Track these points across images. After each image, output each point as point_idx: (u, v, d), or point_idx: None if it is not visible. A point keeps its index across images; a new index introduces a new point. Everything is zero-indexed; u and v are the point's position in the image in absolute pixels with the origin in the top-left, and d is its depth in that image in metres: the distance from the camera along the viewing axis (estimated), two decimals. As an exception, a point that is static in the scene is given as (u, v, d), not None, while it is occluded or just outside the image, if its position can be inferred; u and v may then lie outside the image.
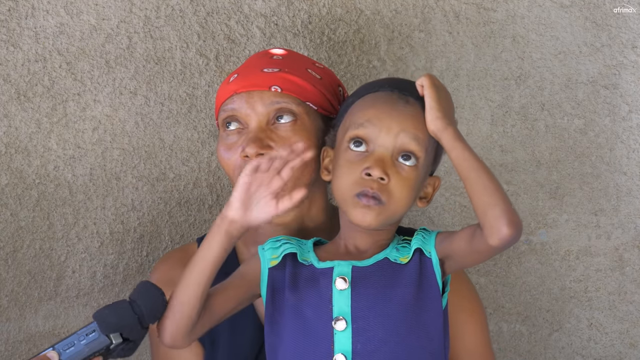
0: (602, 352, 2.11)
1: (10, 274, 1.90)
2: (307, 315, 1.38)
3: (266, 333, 1.44)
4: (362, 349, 1.35)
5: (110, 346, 1.41)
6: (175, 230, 1.97)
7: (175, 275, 1.66)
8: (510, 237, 1.31)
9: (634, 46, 2.06)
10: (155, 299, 1.44)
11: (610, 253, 2.09)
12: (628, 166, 2.07)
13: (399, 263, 1.41)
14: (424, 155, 1.38)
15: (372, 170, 1.36)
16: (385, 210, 1.37)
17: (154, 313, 1.44)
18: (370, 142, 1.38)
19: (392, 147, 1.37)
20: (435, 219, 2.05)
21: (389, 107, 1.40)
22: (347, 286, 1.38)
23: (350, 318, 1.36)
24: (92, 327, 1.42)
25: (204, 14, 1.94)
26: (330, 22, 1.99)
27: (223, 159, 1.59)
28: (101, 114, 1.91)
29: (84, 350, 1.41)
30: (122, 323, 1.41)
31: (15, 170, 1.89)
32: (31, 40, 1.88)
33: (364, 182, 1.36)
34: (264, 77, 1.57)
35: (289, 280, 1.40)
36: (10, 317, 1.90)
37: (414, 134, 1.38)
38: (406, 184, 1.37)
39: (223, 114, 1.59)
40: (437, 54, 2.03)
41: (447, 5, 2.02)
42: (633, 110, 2.07)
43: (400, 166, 1.37)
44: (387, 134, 1.38)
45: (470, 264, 1.44)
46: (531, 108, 2.05)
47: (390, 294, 1.38)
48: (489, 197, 1.32)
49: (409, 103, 1.40)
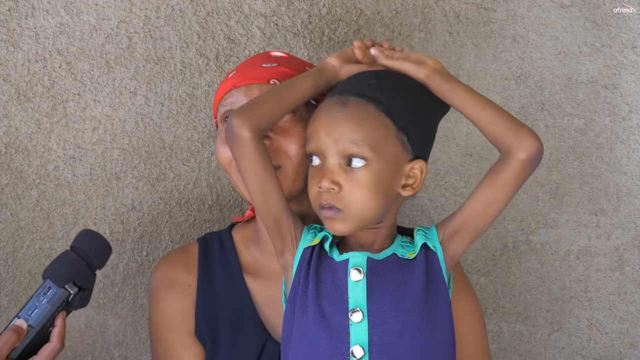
0: (602, 352, 2.11)
1: (10, 274, 1.90)
2: (324, 306, 1.40)
3: (285, 314, 1.46)
4: (379, 341, 1.37)
5: (69, 297, 1.46)
6: (175, 230, 1.97)
7: (175, 275, 1.67)
8: (539, 145, 1.37)
9: (634, 46, 2.06)
10: (96, 242, 1.50)
11: (610, 253, 2.09)
12: (628, 166, 2.07)
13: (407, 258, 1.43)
14: (371, 153, 1.38)
15: (322, 183, 1.39)
16: (348, 216, 1.39)
17: (99, 255, 1.51)
18: (320, 154, 1.41)
19: (336, 154, 1.39)
20: (435, 219, 2.05)
21: (326, 117, 1.41)
22: (362, 277, 1.40)
23: (367, 310, 1.38)
24: (46, 284, 1.47)
25: (204, 14, 1.94)
26: (330, 22, 1.99)
27: (220, 153, 1.59)
28: (101, 114, 1.92)
29: (47, 308, 1.45)
30: (73, 271, 1.47)
31: (15, 170, 1.89)
32: (31, 40, 1.88)
33: (320, 196, 1.40)
34: (263, 72, 1.58)
35: (313, 268, 1.43)
36: (10, 317, 1.90)
37: (350, 137, 1.38)
38: (359, 186, 1.38)
39: (222, 109, 1.60)
40: (437, 54, 2.03)
41: (447, 5, 2.02)
42: (633, 110, 2.07)
43: (352, 170, 1.39)
44: (328, 146, 1.40)
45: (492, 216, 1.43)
46: (531, 108, 2.05)
47: (402, 289, 1.40)
48: (504, 122, 1.39)
49: (345, 106, 1.40)
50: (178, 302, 1.65)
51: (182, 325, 1.64)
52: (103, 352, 1.96)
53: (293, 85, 1.46)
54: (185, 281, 1.66)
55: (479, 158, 2.06)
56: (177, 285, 1.66)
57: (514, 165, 1.38)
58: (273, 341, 1.58)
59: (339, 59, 1.50)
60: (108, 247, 1.54)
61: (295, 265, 1.45)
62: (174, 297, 1.65)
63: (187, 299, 1.65)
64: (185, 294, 1.65)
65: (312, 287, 1.42)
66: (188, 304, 1.65)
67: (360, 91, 1.42)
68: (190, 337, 1.63)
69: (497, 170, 1.40)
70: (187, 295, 1.65)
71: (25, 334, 1.44)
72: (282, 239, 1.46)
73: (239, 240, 1.71)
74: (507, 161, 1.39)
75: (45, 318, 1.45)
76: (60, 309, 1.46)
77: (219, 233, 1.73)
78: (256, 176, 1.41)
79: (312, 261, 1.43)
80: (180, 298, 1.65)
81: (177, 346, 1.63)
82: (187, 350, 1.62)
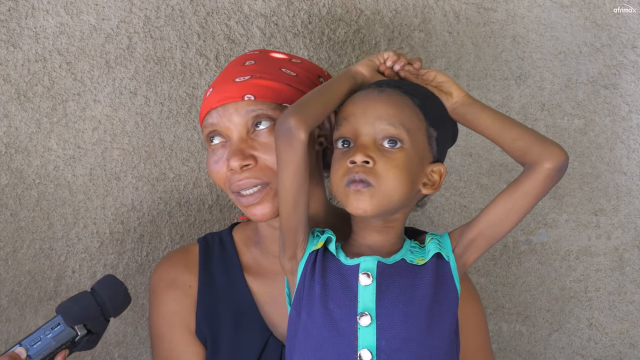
0: (602, 352, 2.11)
1: (10, 274, 1.90)
2: (332, 309, 1.40)
3: (290, 317, 1.46)
4: (387, 346, 1.37)
5: (76, 338, 1.44)
6: (175, 230, 1.97)
7: (176, 276, 1.67)
8: (565, 156, 1.39)
9: (634, 46, 2.06)
10: (116, 291, 1.47)
11: (610, 253, 2.09)
12: (628, 166, 2.07)
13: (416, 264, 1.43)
14: (407, 137, 1.40)
15: (355, 157, 1.39)
16: (377, 192, 1.38)
17: (116, 304, 1.48)
18: (354, 137, 1.42)
19: (373, 134, 1.40)
20: (435, 219, 2.05)
21: (364, 100, 1.43)
22: (371, 281, 1.40)
23: (375, 314, 1.38)
24: (56, 320, 1.46)
25: (204, 14, 1.94)
26: (330, 22, 1.99)
27: (213, 172, 1.60)
28: (101, 114, 1.91)
29: (50, 343, 1.44)
30: (86, 314, 1.44)
31: (15, 170, 1.89)
32: (31, 40, 1.88)
33: (350, 170, 1.39)
34: (236, 88, 1.56)
35: (319, 271, 1.43)
36: (10, 317, 1.90)
37: (389, 119, 1.40)
38: (393, 164, 1.39)
39: (205, 130, 1.60)
40: (437, 54, 2.03)
41: (447, 5, 2.02)
42: (633, 110, 2.07)
43: (386, 149, 1.40)
44: (364, 125, 1.41)
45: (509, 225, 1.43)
46: (531, 108, 2.05)
47: (411, 295, 1.40)
48: (529, 136, 1.41)
49: (383, 92, 1.43)
50: (179, 302, 1.65)
51: (183, 325, 1.64)
52: (103, 352, 1.96)
53: (334, 88, 1.47)
54: (186, 281, 1.66)
55: (479, 158, 2.06)
56: (178, 285, 1.66)
57: (539, 173, 1.38)
58: (275, 339, 1.59)
59: (368, 68, 1.51)
60: (128, 297, 1.51)
61: (301, 269, 1.44)
62: (175, 297, 1.65)
63: (188, 299, 1.65)
64: (186, 294, 1.66)
65: (318, 290, 1.41)
66: (189, 304, 1.65)
67: (396, 84, 1.46)
68: (191, 336, 1.63)
69: (521, 179, 1.40)
70: (188, 295, 1.65)
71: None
72: (295, 244, 1.45)
73: (239, 241, 1.71)
74: (532, 170, 1.39)
75: (46, 353, 1.43)
76: (64, 347, 1.45)
77: (219, 233, 1.73)
78: (298, 177, 1.40)
79: (317, 264, 1.43)
80: (181, 298, 1.65)
81: (178, 344, 1.63)
82: (188, 348, 1.62)
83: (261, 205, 1.56)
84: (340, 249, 1.46)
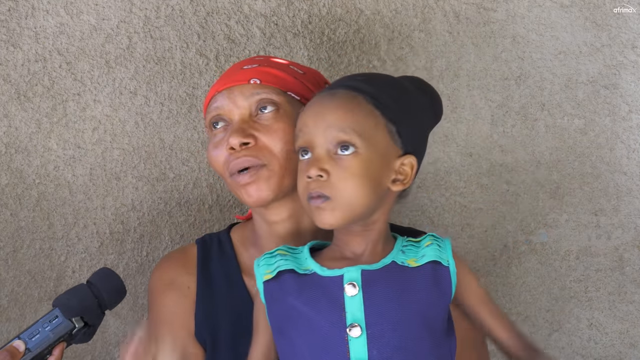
0: (602, 352, 2.11)
1: (10, 274, 1.90)
2: (319, 323, 1.36)
3: (275, 339, 1.42)
4: (378, 355, 1.34)
5: (73, 331, 1.45)
6: (175, 230, 1.97)
7: (175, 276, 1.67)
8: None
9: (634, 46, 2.06)
10: (112, 283, 1.49)
11: (610, 253, 2.09)
12: (628, 166, 2.07)
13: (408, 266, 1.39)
14: (360, 140, 1.36)
15: (310, 172, 1.37)
16: (337, 204, 1.36)
17: (112, 297, 1.49)
18: (310, 148, 1.40)
19: (325, 144, 1.38)
20: (435, 219, 2.05)
21: (314, 109, 1.41)
22: (358, 291, 1.36)
23: (365, 324, 1.35)
24: (54, 313, 1.46)
25: (204, 14, 1.94)
26: (330, 22, 1.99)
27: (212, 158, 1.59)
28: (101, 114, 1.92)
29: (49, 336, 1.44)
30: (83, 306, 1.46)
31: (15, 170, 1.89)
32: (31, 40, 1.88)
33: (308, 186, 1.38)
34: (244, 73, 1.58)
35: (292, 289, 1.39)
36: (10, 317, 1.90)
37: (339, 125, 1.37)
38: (349, 172, 1.36)
39: (209, 116, 1.60)
40: (437, 54, 2.03)
41: (447, 5, 2.02)
42: (633, 110, 2.07)
43: (340, 158, 1.37)
44: (316, 136, 1.38)
45: None
46: (531, 108, 2.05)
47: (402, 300, 1.36)
48: None
49: (334, 96, 1.40)
50: (178, 303, 1.65)
51: (183, 325, 1.64)
52: (103, 352, 1.96)
53: None
54: (185, 282, 1.66)
55: (479, 158, 2.06)
56: (177, 286, 1.66)
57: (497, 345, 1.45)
58: (273, 342, 1.59)
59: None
60: (123, 289, 1.52)
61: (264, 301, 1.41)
62: (174, 297, 1.65)
63: (186, 300, 1.65)
64: (184, 295, 1.65)
65: (298, 306, 1.37)
66: (188, 305, 1.65)
67: (348, 84, 1.42)
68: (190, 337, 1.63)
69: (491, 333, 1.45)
70: (186, 296, 1.65)
71: (20, 356, 1.43)
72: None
73: (237, 241, 1.70)
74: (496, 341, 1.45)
75: (45, 345, 1.44)
76: (62, 339, 1.45)
77: (217, 234, 1.73)
78: None
79: (287, 285, 1.39)
80: (180, 299, 1.65)
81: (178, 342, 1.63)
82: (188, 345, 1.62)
83: (256, 184, 1.54)
84: (310, 258, 1.42)
